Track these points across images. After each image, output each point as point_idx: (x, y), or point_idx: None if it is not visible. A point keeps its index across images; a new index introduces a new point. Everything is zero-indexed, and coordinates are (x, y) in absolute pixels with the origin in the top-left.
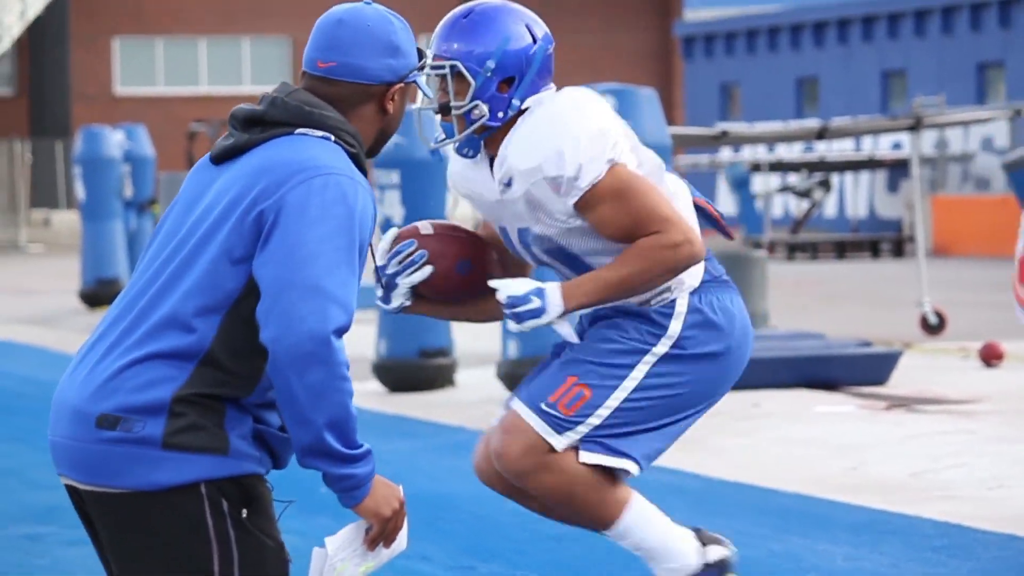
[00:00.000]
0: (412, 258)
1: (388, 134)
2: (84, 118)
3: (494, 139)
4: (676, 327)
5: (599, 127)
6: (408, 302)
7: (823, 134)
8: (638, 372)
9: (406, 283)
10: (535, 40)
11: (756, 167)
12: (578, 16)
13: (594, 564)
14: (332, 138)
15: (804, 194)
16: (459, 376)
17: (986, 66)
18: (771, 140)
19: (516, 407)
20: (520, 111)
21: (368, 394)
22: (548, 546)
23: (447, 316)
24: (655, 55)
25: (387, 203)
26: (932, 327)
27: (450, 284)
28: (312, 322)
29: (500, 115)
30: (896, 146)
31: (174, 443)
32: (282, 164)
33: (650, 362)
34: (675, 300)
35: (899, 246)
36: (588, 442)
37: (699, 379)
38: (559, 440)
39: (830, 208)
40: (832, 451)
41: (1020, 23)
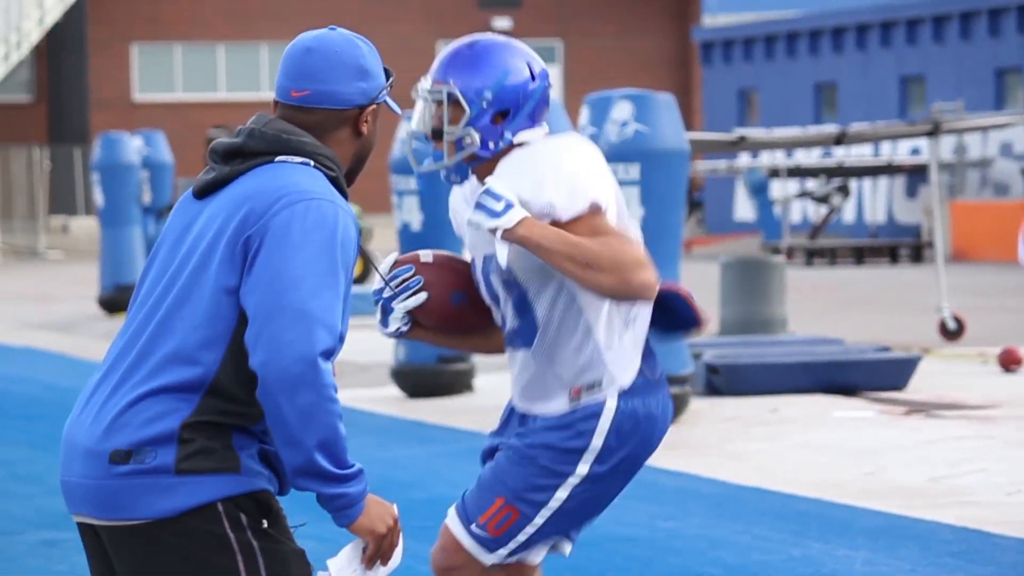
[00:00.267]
0: (408, 283)
1: (365, 155)
2: (102, 124)
3: (483, 171)
4: (598, 443)
5: (583, 171)
6: (405, 327)
7: (841, 139)
8: (561, 493)
9: (400, 308)
10: (533, 77)
11: (774, 172)
12: (596, 22)
13: (609, 569)
14: (311, 163)
15: (822, 199)
16: (477, 381)
17: (1005, 71)
18: (789, 145)
19: (452, 526)
20: (511, 145)
21: (386, 399)
22: None
23: (445, 345)
24: (673, 61)
25: (405, 209)
26: (951, 332)
27: (444, 313)
28: (299, 346)
29: (491, 145)
30: (914, 151)
31: (187, 468)
32: (264, 191)
33: (573, 484)
34: (600, 413)
35: (918, 251)
36: (517, 551)
37: (620, 480)
38: (489, 557)
39: (848, 213)
40: (851, 456)
41: None
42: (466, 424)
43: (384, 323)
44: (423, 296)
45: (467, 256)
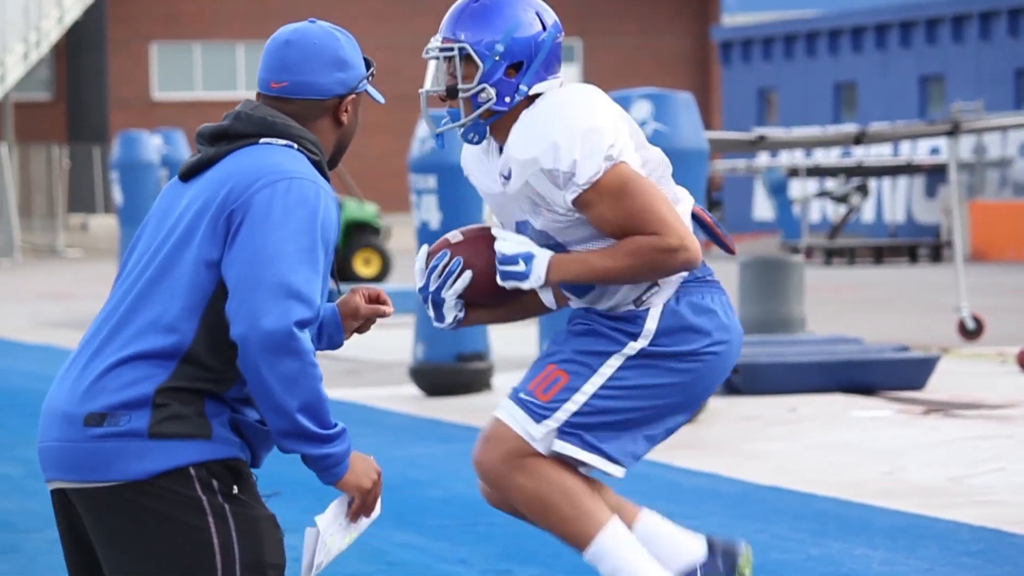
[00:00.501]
0: (448, 268)
1: (345, 143)
2: (121, 123)
3: (500, 126)
4: (651, 326)
5: (598, 124)
6: (462, 314)
7: (861, 139)
8: (614, 361)
9: (450, 295)
10: (544, 27)
11: (794, 172)
12: (615, 20)
13: None
14: (295, 146)
15: (842, 199)
16: (496, 380)
17: None
18: (809, 145)
19: (499, 407)
20: (527, 98)
21: (405, 398)
22: None
23: (505, 318)
24: (692, 60)
25: (424, 207)
26: (970, 332)
27: (493, 283)
28: (276, 317)
29: (507, 100)
30: (934, 151)
31: (160, 432)
32: (248, 170)
33: (626, 354)
34: (652, 300)
35: (937, 251)
36: (565, 434)
37: (677, 380)
38: (537, 428)
39: (868, 213)
40: (869, 456)
41: None
42: (484, 422)
43: (439, 318)
44: (468, 275)
45: (490, 222)
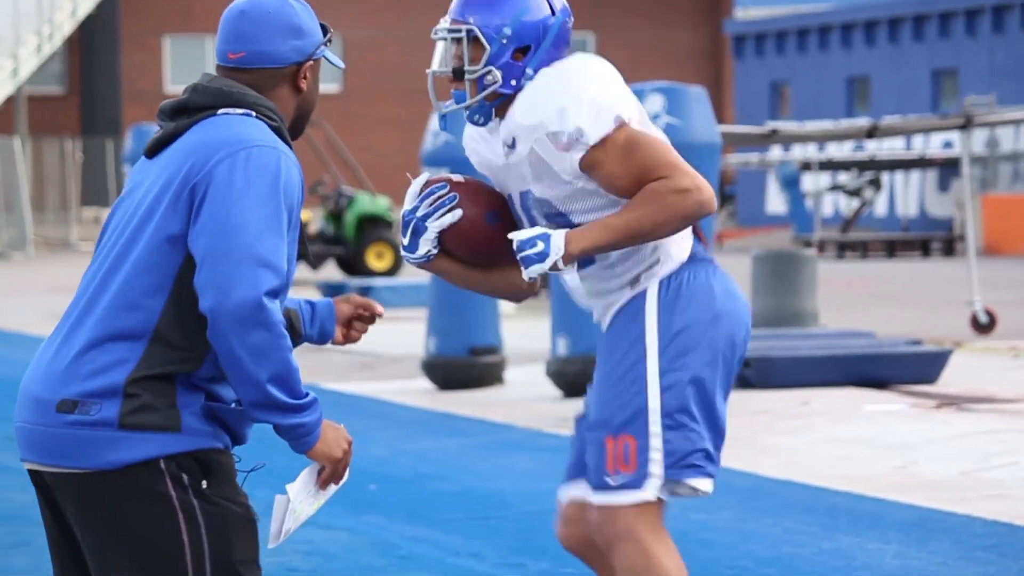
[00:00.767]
0: (442, 200)
1: (306, 111)
2: (135, 116)
3: (505, 109)
4: (652, 320)
5: (605, 87)
6: (435, 250)
7: (873, 133)
8: (652, 389)
9: (435, 226)
10: (553, 11)
11: (806, 166)
12: (628, 14)
13: None
14: (253, 114)
15: (854, 193)
16: (508, 374)
17: None
18: (821, 139)
19: (594, 498)
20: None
21: (417, 392)
22: None
23: (464, 281)
24: (705, 54)
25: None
26: (982, 326)
27: (478, 234)
28: (245, 288)
29: (513, 83)
30: (947, 145)
31: (129, 423)
32: (208, 142)
33: (654, 373)
34: (644, 297)
35: (949, 245)
36: (671, 477)
37: (704, 359)
38: (645, 493)
39: (880, 207)
40: (882, 450)
41: None
42: (497, 416)
43: (413, 246)
44: (459, 213)
45: None
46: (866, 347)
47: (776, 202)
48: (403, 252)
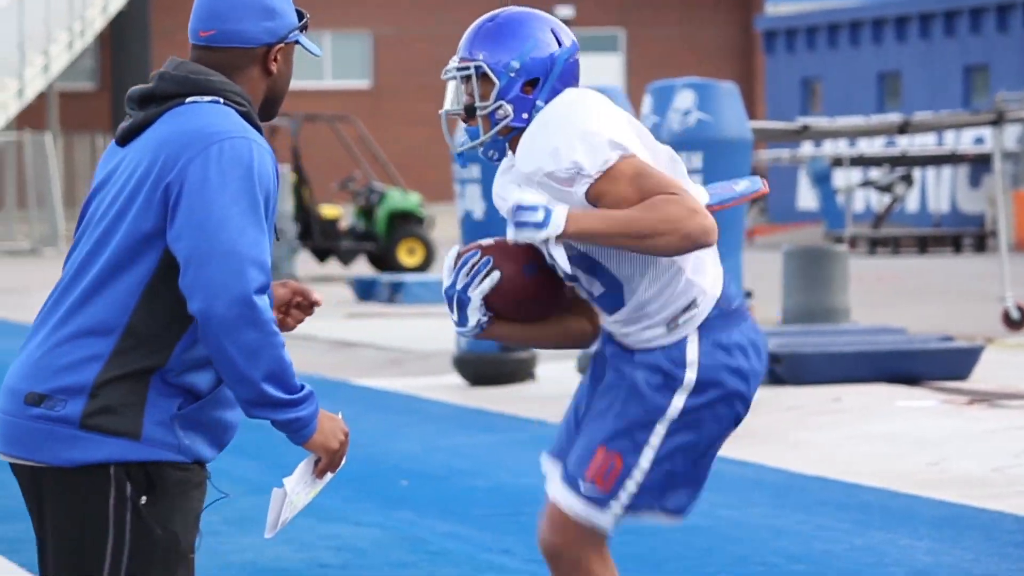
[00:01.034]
0: (477, 268)
1: (277, 94)
2: None
3: (519, 144)
4: (691, 376)
5: (594, 122)
6: (485, 319)
7: (905, 129)
8: (660, 429)
9: (476, 293)
10: (560, 44)
11: (838, 162)
12: (658, 11)
13: (671, 558)
14: (221, 100)
15: (886, 189)
16: (539, 370)
17: None
18: (852, 135)
19: (556, 495)
20: None
21: (449, 388)
22: (625, 539)
23: (527, 339)
24: (736, 50)
25: (468, 197)
26: (1014, 322)
27: (520, 289)
28: (234, 287)
29: (524, 116)
30: (978, 141)
31: (90, 424)
32: (177, 136)
33: (671, 418)
34: (685, 348)
35: (981, 241)
36: (631, 508)
37: (723, 419)
38: (604, 517)
39: (912, 203)
40: (913, 446)
41: None
42: (528, 412)
43: (462, 320)
44: (497, 275)
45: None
46: (898, 343)
47: (807, 198)
48: (456, 329)
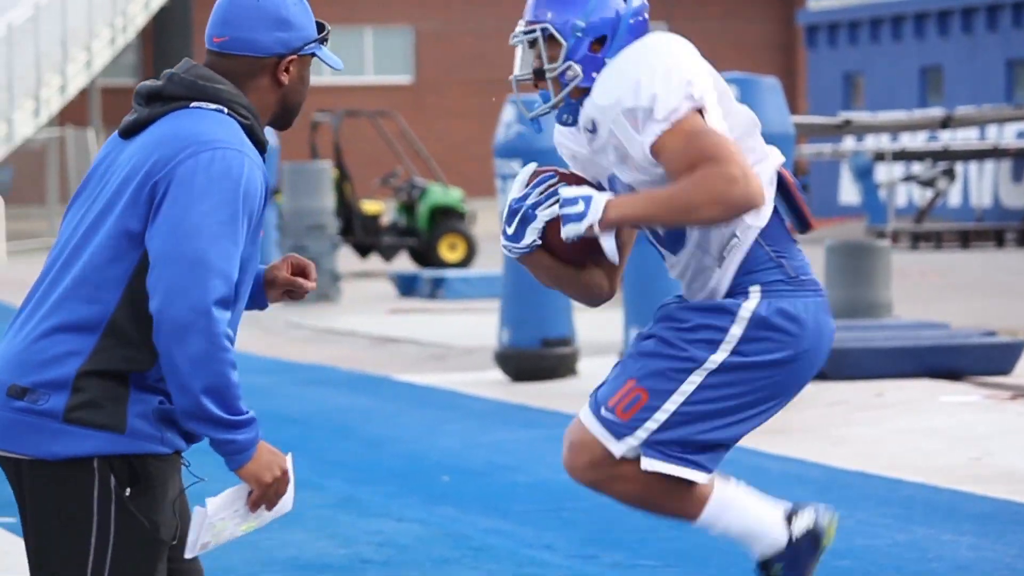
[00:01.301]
0: (553, 189)
1: (290, 105)
2: None
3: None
4: (737, 332)
5: (680, 63)
6: (539, 241)
7: (947, 123)
8: (696, 377)
9: (545, 215)
10: (626, 1)
11: (880, 156)
12: (701, 5)
13: (716, 552)
14: (225, 110)
15: (928, 183)
16: (581, 365)
17: None
18: (895, 129)
19: (581, 415)
20: None
21: (490, 383)
22: (670, 535)
23: (554, 278)
24: (778, 44)
25: (510, 193)
26: None
27: None
28: (193, 294)
29: (594, 75)
30: (1021, 135)
31: (73, 418)
32: (173, 138)
33: (709, 369)
34: (742, 303)
35: (1023, 235)
36: (649, 448)
37: (762, 385)
38: (618, 446)
39: (954, 197)
40: (956, 441)
41: None
42: (570, 408)
43: (518, 235)
44: None
45: None
46: (940, 338)
47: (849, 193)
48: (505, 242)
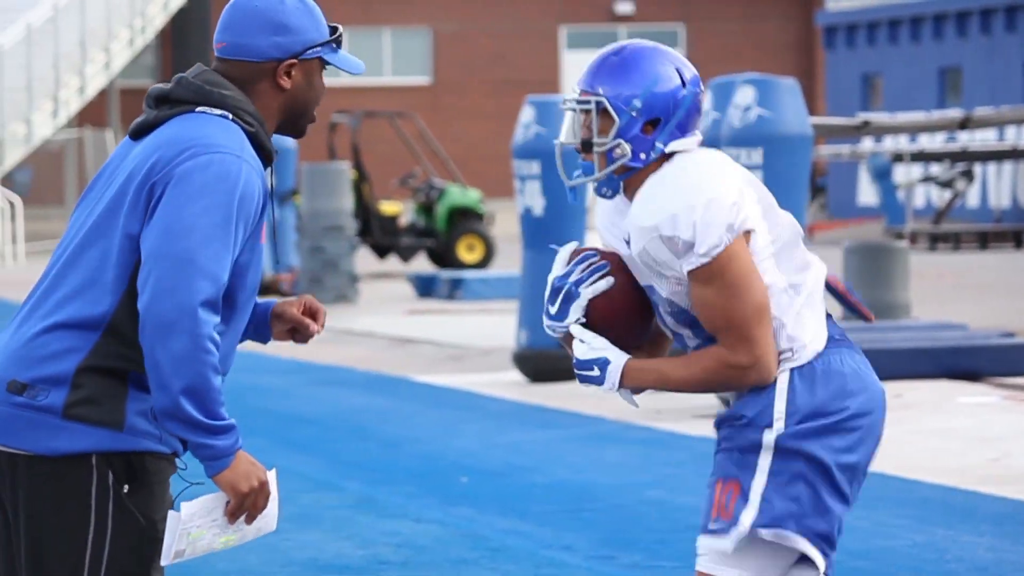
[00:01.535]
0: (595, 266)
1: (298, 110)
2: None
3: (634, 183)
4: (780, 406)
5: (721, 194)
6: (584, 319)
7: (966, 124)
8: (763, 462)
9: (589, 292)
10: (684, 83)
11: (898, 157)
12: (718, 5)
13: None
14: (230, 116)
15: (946, 184)
16: None
17: None
18: (913, 130)
19: (699, 544)
20: (663, 155)
21: (508, 384)
22: (689, 536)
23: None
24: (797, 45)
25: (528, 193)
26: None
27: (625, 302)
28: (180, 293)
29: (642, 156)
30: None
31: (73, 414)
32: (175, 141)
33: (769, 446)
34: (777, 380)
35: None
36: (760, 527)
37: (819, 452)
38: (726, 543)
39: (973, 198)
40: (975, 442)
41: None
42: (588, 409)
43: (562, 314)
44: (611, 280)
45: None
46: (959, 339)
47: (868, 194)
48: (548, 321)
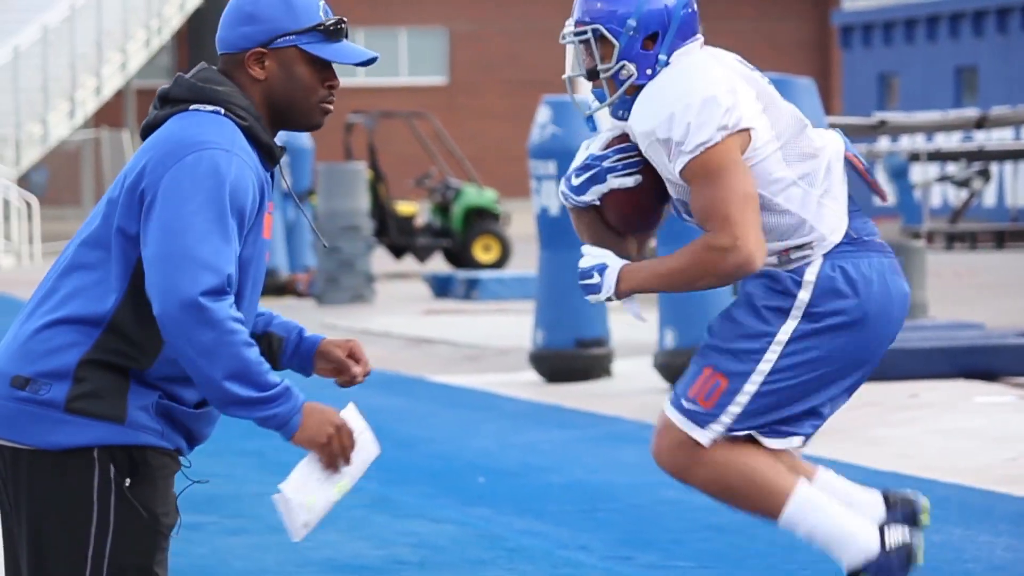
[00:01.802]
0: (632, 160)
1: (280, 100)
2: None
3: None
4: (804, 297)
5: (714, 93)
6: (597, 202)
7: (982, 123)
8: (771, 354)
9: (615, 183)
10: None
11: (914, 157)
12: (735, 5)
13: (753, 555)
14: (222, 111)
15: (963, 184)
16: (616, 366)
17: None
18: (930, 129)
19: (665, 407)
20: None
21: (524, 384)
22: (706, 536)
23: (595, 237)
24: (813, 44)
25: (544, 193)
26: None
27: (643, 202)
28: (184, 289)
29: (648, 72)
30: None
31: (75, 408)
32: (164, 141)
33: (782, 341)
34: (805, 269)
35: None
36: (734, 429)
37: (840, 350)
38: (703, 434)
39: (989, 198)
40: (992, 442)
41: None
42: (604, 409)
43: (582, 189)
44: (638, 179)
45: None
46: (976, 339)
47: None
48: (564, 188)
